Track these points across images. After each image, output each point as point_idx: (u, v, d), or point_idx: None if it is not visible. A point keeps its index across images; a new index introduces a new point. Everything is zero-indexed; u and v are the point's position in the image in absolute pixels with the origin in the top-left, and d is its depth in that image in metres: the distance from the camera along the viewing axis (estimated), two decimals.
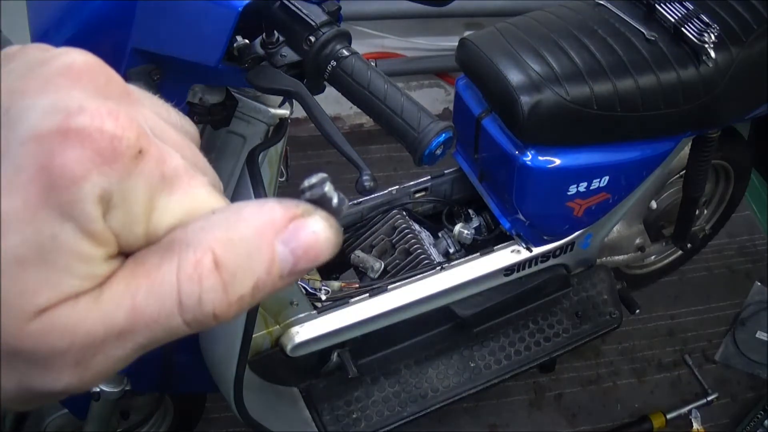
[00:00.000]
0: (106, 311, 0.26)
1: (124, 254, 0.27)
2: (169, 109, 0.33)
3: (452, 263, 1.56)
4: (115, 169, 0.25)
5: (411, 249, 1.58)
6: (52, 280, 0.25)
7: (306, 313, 1.41)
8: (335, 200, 0.29)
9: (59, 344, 0.25)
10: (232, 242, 0.27)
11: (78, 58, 0.29)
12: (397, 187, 1.70)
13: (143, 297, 0.26)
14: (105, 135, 0.25)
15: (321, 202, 0.29)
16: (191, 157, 0.31)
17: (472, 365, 1.70)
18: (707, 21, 1.47)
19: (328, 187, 0.29)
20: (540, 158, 1.41)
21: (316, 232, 0.28)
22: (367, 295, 1.48)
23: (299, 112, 0.95)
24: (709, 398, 2.10)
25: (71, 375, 0.26)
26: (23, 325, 0.25)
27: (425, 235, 1.65)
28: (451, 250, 1.64)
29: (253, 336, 1.30)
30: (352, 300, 1.46)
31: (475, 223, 1.68)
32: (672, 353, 2.23)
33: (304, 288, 1.43)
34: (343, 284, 1.50)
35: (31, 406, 0.28)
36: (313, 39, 0.89)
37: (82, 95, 0.26)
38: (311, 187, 0.29)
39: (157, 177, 0.27)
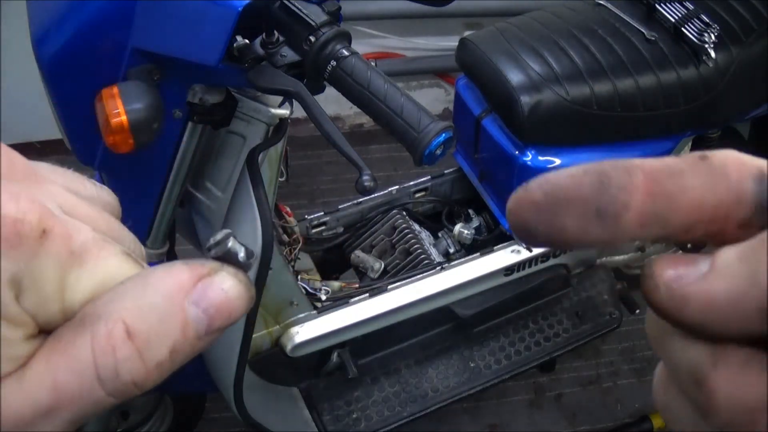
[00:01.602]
0: (30, 391, 0.26)
1: (46, 331, 0.27)
2: (83, 181, 0.33)
3: (452, 263, 1.56)
4: (21, 252, 0.25)
5: (411, 249, 1.58)
6: None
7: (306, 313, 1.41)
8: (241, 254, 0.29)
9: None
10: (141, 310, 0.27)
11: None
12: (397, 187, 1.70)
13: (63, 374, 0.26)
14: (7, 219, 0.25)
15: (227, 258, 0.29)
16: (105, 227, 0.31)
17: (472, 365, 1.70)
18: (707, 21, 1.47)
19: (231, 243, 0.29)
20: (540, 158, 1.41)
21: (224, 289, 0.28)
22: (367, 295, 1.48)
23: (299, 112, 0.96)
24: None
25: None
26: None
27: (425, 235, 1.65)
28: (451, 250, 1.64)
29: (253, 336, 1.30)
30: (352, 300, 1.46)
31: (475, 223, 1.68)
32: None
33: (304, 288, 1.43)
34: (343, 284, 1.50)
35: None
36: (313, 39, 0.89)
37: None
38: (216, 244, 0.29)
39: (65, 254, 0.27)
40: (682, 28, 1.45)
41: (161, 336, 0.27)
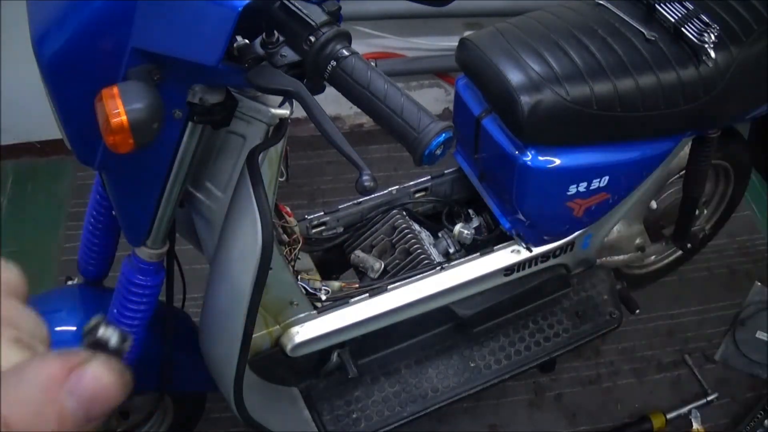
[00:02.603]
0: None
1: None
2: None
3: (452, 263, 1.56)
4: None
5: (411, 249, 1.58)
6: None
7: (306, 313, 1.41)
8: (114, 340, 0.30)
9: None
10: (18, 402, 0.27)
11: None
12: (397, 187, 1.70)
13: None
14: None
15: (99, 346, 0.30)
16: (2, 312, 0.31)
17: (472, 365, 1.70)
18: (707, 21, 1.47)
19: (102, 330, 0.30)
20: (540, 158, 1.41)
21: (97, 377, 0.28)
22: (367, 295, 1.48)
23: (299, 112, 0.95)
24: (709, 398, 2.10)
25: None
26: None
27: (425, 235, 1.65)
28: (451, 250, 1.64)
29: (253, 336, 1.30)
30: (352, 300, 1.46)
31: (475, 223, 1.68)
32: (672, 353, 2.23)
33: (304, 288, 1.43)
34: (343, 284, 1.50)
35: None
36: (313, 39, 0.89)
37: None
38: (87, 332, 0.30)
39: None
40: (682, 28, 1.45)
41: (39, 427, 0.27)
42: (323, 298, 1.45)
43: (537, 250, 1.62)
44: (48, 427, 0.27)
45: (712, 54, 1.45)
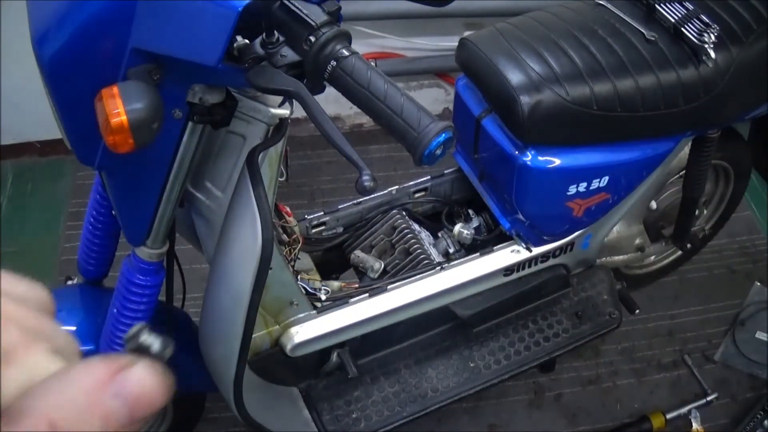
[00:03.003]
0: None
1: None
2: (15, 281, 0.34)
3: (452, 263, 1.56)
4: None
5: (411, 249, 1.58)
6: None
7: (305, 313, 1.41)
8: (156, 346, 0.31)
9: None
10: (64, 405, 0.28)
11: None
12: (397, 187, 1.70)
13: None
14: None
15: (141, 351, 0.31)
16: (34, 325, 0.32)
17: (471, 365, 1.70)
18: (707, 21, 1.47)
19: (144, 336, 0.31)
20: (540, 158, 1.41)
21: (141, 380, 0.29)
22: (367, 295, 1.48)
23: (299, 112, 0.96)
24: (709, 398, 2.10)
25: None
26: None
27: (425, 235, 1.65)
28: (451, 250, 1.64)
29: (253, 336, 1.30)
30: (352, 300, 1.46)
31: (475, 223, 1.68)
32: (672, 353, 2.23)
33: (304, 288, 1.43)
34: (342, 284, 1.50)
35: None
36: (313, 39, 0.89)
37: None
38: (130, 338, 0.31)
39: None
40: (682, 29, 1.45)
41: (84, 429, 0.28)
42: (323, 298, 1.45)
43: (537, 250, 1.62)
44: (93, 428, 0.28)
45: (712, 54, 1.45)
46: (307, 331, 1.42)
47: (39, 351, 0.30)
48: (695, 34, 1.45)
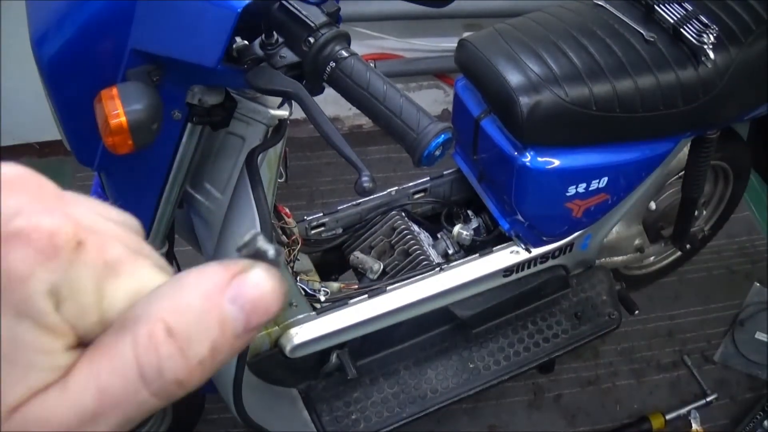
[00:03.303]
0: (74, 398, 0.27)
1: (83, 345, 0.28)
2: (107, 207, 0.34)
3: (451, 264, 1.56)
4: (58, 262, 0.26)
5: (410, 250, 1.58)
6: (18, 377, 0.26)
7: (305, 314, 1.41)
8: (271, 252, 0.30)
9: None
10: (180, 309, 0.27)
11: (8, 170, 0.30)
12: (396, 188, 1.70)
13: (106, 377, 0.27)
14: (43, 232, 0.26)
15: (257, 257, 0.30)
16: (134, 245, 0.32)
17: (471, 366, 1.70)
18: (706, 22, 1.47)
19: (260, 242, 0.30)
20: (539, 159, 1.41)
21: (258, 284, 0.28)
22: (366, 296, 1.48)
23: (298, 113, 0.96)
24: (709, 399, 2.10)
25: None
26: None
27: (424, 236, 1.65)
28: (450, 251, 1.64)
29: None
30: (351, 301, 1.46)
31: (474, 224, 1.68)
32: (671, 354, 2.23)
33: (303, 289, 1.43)
34: (342, 285, 1.50)
35: None
36: (312, 40, 0.89)
37: (17, 201, 0.27)
38: (245, 245, 0.30)
39: (100, 265, 0.28)
40: (681, 29, 1.45)
41: (201, 333, 0.27)
42: (322, 299, 1.45)
43: (536, 251, 1.62)
44: (209, 334, 0.27)
45: (711, 55, 1.45)
46: (306, 332, 1.42)
47: (144, 265, 0.30)
48: (694, 35, 1.45)
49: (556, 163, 1.42)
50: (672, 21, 1.47)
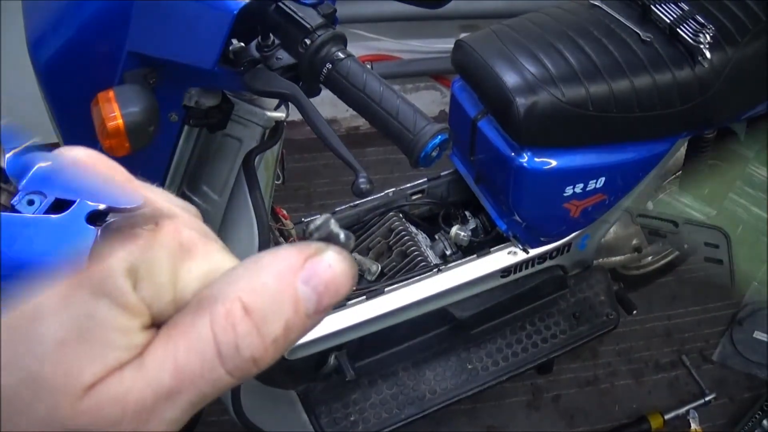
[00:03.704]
0: (151, 376, 0.27)
1: (157, 326, 0.29)
2: (169, 195, 0.35)
3: (449, 265, 1.56)
4: (137, 243, 0.28)
5: (408, 251, 1.58)
6: (95, 355, 0.27)
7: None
8: (342, 236, 0.31)
9: (112, 416, 0.27)
10: (256, 289, 0.28)
11: (80, 153, 0.31)
12: (394, 189, 1.70)
13: (183, 355, 0.27)
14: (122, 214, 0.28)
15: (329, 240, 0.31)
16: (202, 229, 0.33)
17: (469, 367, 1.70)
18: (702, 22, 1.47)
19: (333, 225, 0.32)
20: (536, 160, 1.41)
21: (331, 265, 0.29)
22: (364, 297, 1.48)
23: (295, 115, 0.96)
24: (707, 398, 2.10)
25: None
26: (75, 404, 0.26)
27: (422, 237, 1.65)
28: (448, 252, 1.64)
29: None
30: (349, 302, 1.46)
31: (472, 224, 1.68)
32: (669, 354, 2.23)
33: None
34: None
35: None
36: (308, 42, 0.89)
37: (92, 183, 0.29)
38: (318, 228, 0.31)
39: (175, 246, 0.29)
40: (678, 29, 1.46)
41: (276, 313, 0.28)
42: None
43: (534, 252, 1.62)
44: (283, 313, 0.28)
45: (708, 54, 1.45)
46: None
47: (216, 249, 0.31)
48: (690, 35, 1.45)
49: (554, 163, 1.42)
50: (668, 21, 1.47)
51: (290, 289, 0.28)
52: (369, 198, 1.65)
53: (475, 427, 2.04)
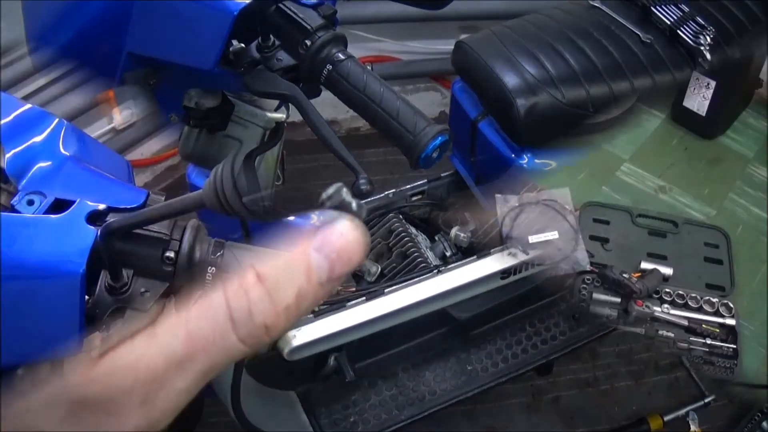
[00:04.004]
0: (163, 343, 0.27)
1: (167, 295, 0.29)
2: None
3: (449, 266, 1.55)
4: None
5: (408, 252, 1.58)
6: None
7: (303, 317, 1.41)
8: (354, 204, 0.31)
9: (124, 383, 0.27)
10: (269, 258, 0.29)
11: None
12: (394, 190, 1.70)
13: (195, 321, 0.28)
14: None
15: (342, 208, 0.31)
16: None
17: (469, 368, 1.70)
18: (703, 23, 1.47)
19: (345, 194, 0.31)
20: (536, 160, 1.41)
21: (344, 233, 0.29)
22: (364, 298, 1.47)
23: (295, 116, 0.95)
24: (707, 400, 2.10)
25: (139, 415, 0.27)
26: (88, 370, 0.27)
27: (422, 239, 1.65)
28: (448, 253, 1.63)
29: None
30: (349, 303, 1.46)
31: (472, 226, 1.68)
32: (669, 355, 2.23)
33: None
34: (339, 288, 1.50)
35: None
36: (308, 43, 0.89)
37: None
38: (330, 197, 0.31)
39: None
40: (678, 31, 1.46)
41: (288, 280, 0.28)
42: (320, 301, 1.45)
43: (534, 253, 1.61)
44: (296, 281, 0.28)
45: (708, 56, 1.45)
46: (304, 334, 1.41)
47: None
48: (691, 36, 1.45)
49: (553, 164, 1.42)
50: (669, 22, 1.47)
51: (303, 256, 0.28)
52: (369, 199, 1.65)
53: (475, 428, 2.04)
